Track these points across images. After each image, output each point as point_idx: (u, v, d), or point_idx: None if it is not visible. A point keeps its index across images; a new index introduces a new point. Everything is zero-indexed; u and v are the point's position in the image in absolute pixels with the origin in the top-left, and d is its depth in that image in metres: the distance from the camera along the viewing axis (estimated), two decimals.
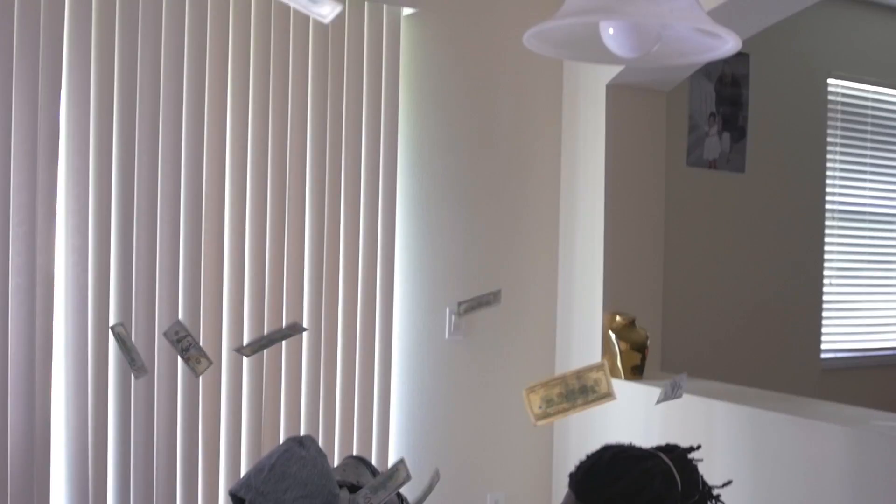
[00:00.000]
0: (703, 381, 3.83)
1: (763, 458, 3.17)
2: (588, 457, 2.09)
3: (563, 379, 1.78)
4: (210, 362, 2.10)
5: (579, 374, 1.78)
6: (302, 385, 3.53)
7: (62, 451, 3.13)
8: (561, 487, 4.03)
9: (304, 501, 2.12)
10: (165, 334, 2.11)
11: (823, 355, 5.19)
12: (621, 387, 3.77)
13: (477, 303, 2.28)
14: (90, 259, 3.11)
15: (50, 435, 3.07)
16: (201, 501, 3.33)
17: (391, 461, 3.77)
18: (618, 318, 3.81)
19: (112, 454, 3.18)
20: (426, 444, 3.86)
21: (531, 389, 1.77)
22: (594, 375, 1.78)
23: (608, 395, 1.78)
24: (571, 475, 2.08)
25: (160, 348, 3.23)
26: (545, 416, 1.77)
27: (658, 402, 2.22)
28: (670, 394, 2.18)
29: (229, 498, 2.26)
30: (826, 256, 5.20)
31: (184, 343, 2.10)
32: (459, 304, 2.31)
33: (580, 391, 1.78)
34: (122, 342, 2.17)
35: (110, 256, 3.15)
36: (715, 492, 2.21)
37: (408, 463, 4.10)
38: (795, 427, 3.10)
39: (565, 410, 1.77)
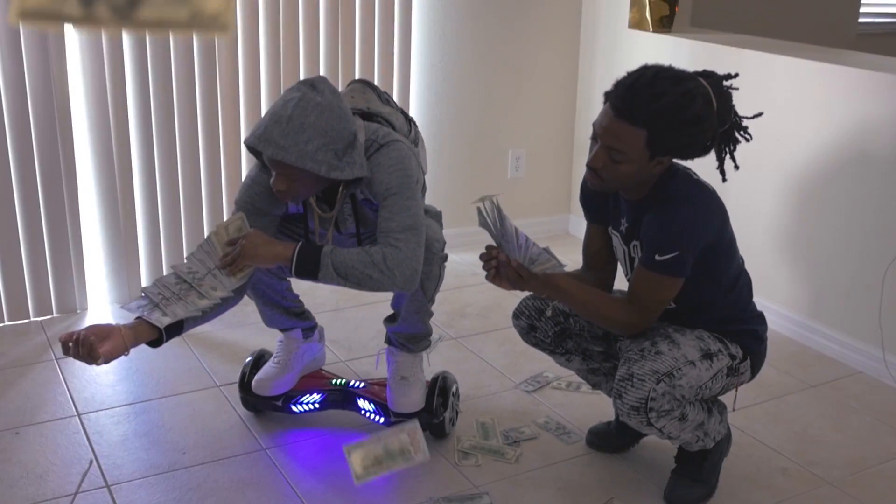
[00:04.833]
0: (734, 35, 3.70)
1: (793, 105, 3.11)
2: (628, 74, 2.00)
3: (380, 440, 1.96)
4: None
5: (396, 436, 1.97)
6: (320, 36, 3.43)
7: (83, 120, 3.12)
8: (582, 146, 4.03)
9: (326, 149, 2.07)
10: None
11: (861, 19, 5.00)
12: (649, 39, 3.65)
13: None
14: None
15: (70, 104, 3.04)
16: (223, 151, 3.35)
17: (413, 113, 3.73)
18: None
19: (133, 113, 3.16)
20: (448, 101, 3.81)
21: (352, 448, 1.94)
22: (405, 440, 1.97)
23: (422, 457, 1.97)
24: (609, 93, 2.00)
25: None
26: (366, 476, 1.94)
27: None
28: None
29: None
30: None
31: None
32: None
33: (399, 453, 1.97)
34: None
35: None
36: (744, 122, 2.16)
37: (428, 122, 4.05)
38: (827, 73, 3.01)
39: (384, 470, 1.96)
